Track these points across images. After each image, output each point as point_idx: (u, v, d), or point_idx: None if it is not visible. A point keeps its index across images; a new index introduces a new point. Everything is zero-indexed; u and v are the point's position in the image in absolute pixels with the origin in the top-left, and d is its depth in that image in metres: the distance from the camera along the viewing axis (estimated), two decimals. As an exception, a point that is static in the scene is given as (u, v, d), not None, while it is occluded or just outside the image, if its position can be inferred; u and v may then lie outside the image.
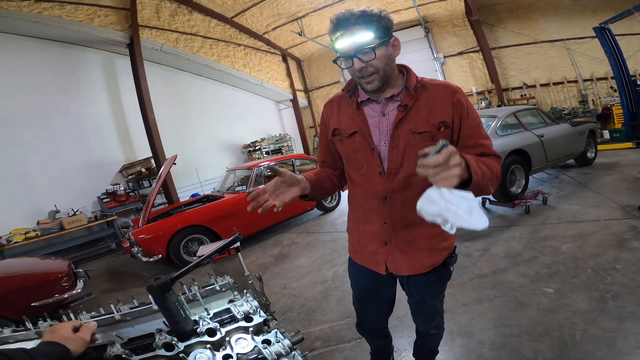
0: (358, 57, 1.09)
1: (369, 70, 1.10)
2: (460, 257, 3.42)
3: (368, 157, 1.23)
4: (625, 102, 7.50)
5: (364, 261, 1.41)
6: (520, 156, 4.61)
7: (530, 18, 9.90)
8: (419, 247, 1.28)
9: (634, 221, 3.46)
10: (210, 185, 8.43)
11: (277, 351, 0.90)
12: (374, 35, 1.08)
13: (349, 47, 1.09)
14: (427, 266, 1.31)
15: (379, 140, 1.22)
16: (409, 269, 1.31)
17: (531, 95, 10.06)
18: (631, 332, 1.95)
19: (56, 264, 3.59)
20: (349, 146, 1.28)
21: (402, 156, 1.19)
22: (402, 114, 1.17)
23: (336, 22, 1.11)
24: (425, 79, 1.22)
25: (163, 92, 8.51)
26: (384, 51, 1.11)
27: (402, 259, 1.30)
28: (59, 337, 0.80)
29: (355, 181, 1.33)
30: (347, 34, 1.08)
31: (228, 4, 8.56)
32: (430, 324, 1.53)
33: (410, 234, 1.27)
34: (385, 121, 1.20)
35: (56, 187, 6.56)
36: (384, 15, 1.10)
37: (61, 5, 6.29)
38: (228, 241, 1.03)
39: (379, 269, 1.36)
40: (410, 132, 1.17)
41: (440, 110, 1.15)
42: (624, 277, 2.53)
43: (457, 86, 1.21)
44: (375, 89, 1.15)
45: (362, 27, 1.07)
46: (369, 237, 1.35)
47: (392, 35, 1.14)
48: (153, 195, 5.12)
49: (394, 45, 1.15)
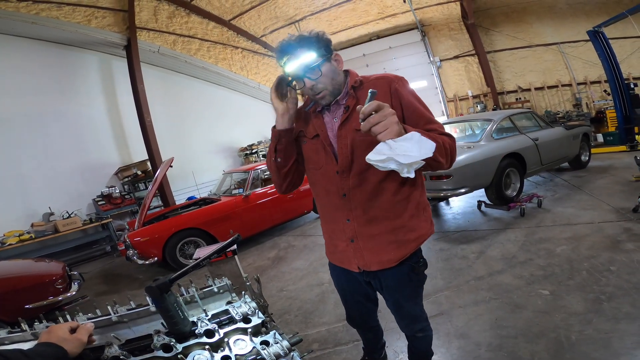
0: (307, 77, 1.19)
1: (319, 87, 1.21)
2: (456, 260, 3.44)
3: (326, 157, 1.32)
4: (618, 106, 7.57)
5: (338, 261, 1.47)
6: (515, 159, 4.65)
7: (525, 22, 10.01)
8: (384, 241, 1.33)
9: (627, 223, 3.49)
10: (206, 188, 8.41)
11: (275, 352, 0.90)
12: (316, 54, 1.18)
13: (297, 69, 1.19)
14: (395, 260, 1.34)
15: (335, 142, 1.30)
16: (378, 264, 1.34)
17: (526, 99, 10.15)
18: (627, 333, 1.97)
19: (50, 266, 3.58)
20: (311, 147, 1.36)
21: (351, 154, 1.25)
22: (345, 115, 1.26)
23: (280, 49, 1.21)
24: (365, 76, 1.31)
25: (160, 95, 8.50)
26: (328, 67, 1.21)
27: (369, 254, 1.34)
28: (55, 338, 0.80)
29: (317, 182, 1.40)
30: (293, 57, 1.18)
31: (226, 6, 8.58)
32: (413, 327, 1.55)
33: (373, 228, 1.31)
34: (336, 124, 1.30)
35: (51, 189, 6.52)
36: (321, 35, 1.21)
37: (59, 6, 6.28)
38: (227, 242, 1.03)
39: (351, 267, 1.41)
40: (354, 131, 1.23)
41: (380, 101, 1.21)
42: (618, 279, 2.55)
43: (396, 75, 1.28)
44: (328, 103, 1.27)
45: (304, 50, 1.17)
46: (338, 236, 1.41)
47: (332, 52, 1.24)
48: (149, 198, 5.10)
49: (336, 60, 1.26)
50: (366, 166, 1.17)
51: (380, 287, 1.45)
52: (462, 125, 6.01)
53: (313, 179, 1.42)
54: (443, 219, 4.91)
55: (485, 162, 4.31)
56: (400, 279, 1.39)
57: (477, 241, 3.80)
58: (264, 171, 5.64)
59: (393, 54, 11.57)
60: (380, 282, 1.42)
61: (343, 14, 9.84)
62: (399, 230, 1.32)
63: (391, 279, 1.39)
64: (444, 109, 11.33)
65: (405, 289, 1.43)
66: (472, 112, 10.31)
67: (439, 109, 11.50)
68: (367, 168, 1.21)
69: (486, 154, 4.36)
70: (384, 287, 1.43)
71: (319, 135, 1.31)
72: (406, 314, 1.51)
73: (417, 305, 1.51)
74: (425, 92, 11.58)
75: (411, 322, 1.53)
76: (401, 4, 9.27)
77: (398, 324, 1.59)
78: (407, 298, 1.46)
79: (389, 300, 1.49)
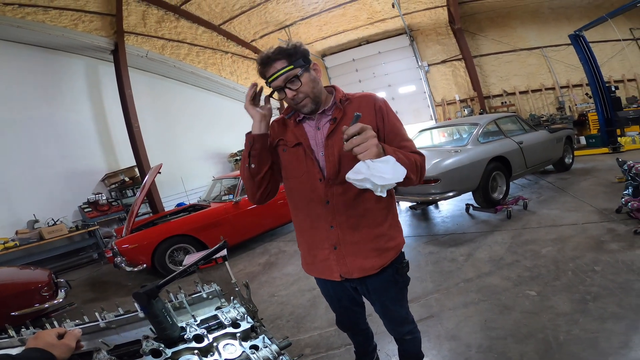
0: (288, 87, 1.23)
1: (300, 96, 1.25)
2: (446, 262, 3.49)
3: (309, 165, 1.33)
4: (600, 108, 7.75)
5: (318, 272, 1.47)
6: (501, 163, 4.74)
7: (509, 26, 10.23)
8: (366, 248, 1.36)
9: (611, 224, 3.58)
10: (196, 194, 8.33)
11: (264, 356, 0.90)
12: (294, 65, 1.21)
13: (277, 81, 1.22)
14: (376, 267, 1.37)
15: (317, 152, 1.33)
16: (359, 271, 1.37)
17: (511, 103, 10.37)
18: (613, 333, 2.00)
19: (36, 274, 3.56)
20: (291, 155, 1.37)
21: (338, 164, 1.29)
22: (333, 126, 1.30)
23: (260, 62, 1.25)
24: (350, 93, 1.38)
25: (148, 100, 8.42)
26: (307, 77, 1.25)
27: (352, 261, 1.36)
28: (43, 344, 0.79)
29: (295, 191, 1.41)
30: (272, 69, 1.22)
31: (216, 11, 8.58)
32: (401, 330, 1.58)
33: (356, 235, 1.35)
34: (319, 134, 1.33)
35: (36, 196, 6.38)
36: (299, 46, 1.24)
37: (45, 10, 6.19)
38: (214, 248, 1.04)
39: (333, 277, 1.41)
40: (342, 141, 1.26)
41: (366, 118, 1.28)
42: (603, 279, 2.60)
43: (375, 94, 1.38)
44: (310, 110, 1.29)
45: (283, 62, 1.21)
46: (318, 244, 1.40)
47: (310, 62, 1.28)
48: (137, 205, 5.03)
49: (315, 69, 1.30)
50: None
51: (366, 292, 1.47)
52: (449, 130, 6.11)
53: (291, 188, 1.43)
54: (432, 222, 4.97)
55: (472, 165, 4.38)
56: (386, 280, 1.42)
57: (466, 244, 3.85)
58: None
59: (382, 59, 11.71)
60: (367, 287, 1.44)
61: (333, 19, 9.93)
62: (380, 239, 1.37)
63: (377, 282, 1.41)
64: (432, 113, 11.48)
65: (391, 291, 1.46)
66: (459, 116, 10.48)
67: (427, 113, 11.64)
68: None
69: (473, 157, 4.44)
70: (370, 291, 1.45)
71: (301, 144, 1.33)
72: (393, 317, 1.53)
73: (403, 308, 1.54)
74: (413, 96, 11.73)
75: (398, 324, 1.56)
76: (390, 9, 9.40)
77: (386, 327, 1.61)
78: (393, 301, 1.49)
79: (375, 304, 1.51)
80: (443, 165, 4.20)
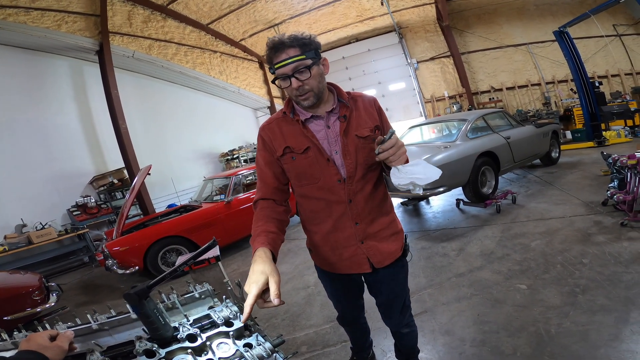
0: (295, 77, 1.19)
1: (305, 88, 1.21)
2: (437, 257, 3.52)
3: (324, 169, 1.30)
4: (584, 104, 7.91)
5: (345, 268, 1.44)
6: (489, 158, 4.81)
7: (496, 23, 10.36)
8: (386, 235, 1.43)
9: (597, 216, 3.65)
10: (187, 195, 8.26)
11: (259, 354, 0.90)
12: (307, 56, 1.18)
13: (286, 68, 1.18)
14: (399, 250, 1.47)
15: (330, 151, 1.31)
16: (390, 257, 1.43)
17: (499, 99, 10.51)
18: (603, 325, 2.02)
19: (26, 278, 3.56)
20: (302, 162, 1.31)
21: (355, 160, 1.31)
22: (344, 124, 1.30)
23: (272, 46, 1.19)
24: (351, 92, 1.40)
25: (135, 100, 8.31)
26: (317, 70, 1.22)
27: (380, 250, 1.41)
28: (35, 346, 0.79)
29: (312, 196, 1.37)
30: (284, 55, 1.17)
31: (204, 10, 8.50)
32: (402, 321, 1.59)
33: (377, 225, 1.41)
34: (331, 132, 1.31)
35: (23, 200, 6.27)
36: (313, 38, 1.22)
37: (27, 11, 6.05)
38: (204, 247, 1.03)
39: (363, 269, 1.43)
40: (356, 137, 1.31)
41: (372, 116, 1.37)
42: (591, 271, 2.64)
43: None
44: (311, 104, 1.26)
45: (296, 50, 1.17)
46: (345, 243, 1.40)
47: (321, 56, 1.26)
48: (127, 207, 4.96)
49: (324, 64, 1.28)
50: (366, 170, 1.33)
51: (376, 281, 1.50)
52: (439, 126, 6.17)
53: (305, 194, 1.39)
54: (424, 218, 5.01)
55: (461, 161, 4.43)
56: (396, 266, 1.47)
57: (457, 238, 3.90)
58: (246, 176, 5.60)
59: (372, 57, 11.75)
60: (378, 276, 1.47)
61: (322, 17, 9.93)
62: (392, 224, 1.45)
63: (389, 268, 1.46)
64: (422, 110, 11.57)
65: (400, 275, 1.51)
66: (448, 113, 10.59)
67: (417, 110, 11.73)
68: (366, 172, 1.33)
69: (462, 153, 4.49)
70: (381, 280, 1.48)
71: (310, 147, 1.29)
72: (398, 304, 1.56)
73: (407, 294, 1.59)
74: (403, 93, 11.80)
75: (402, 313, 1.58)
76: (379, 6, 9.44)
77: (386, 320, 1.63)
78: (401, 285, 1.54)
79: (382, 294, 1.53)
80: (433, 161, 4.24)
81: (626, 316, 2.06)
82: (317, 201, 1.37)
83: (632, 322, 1.99)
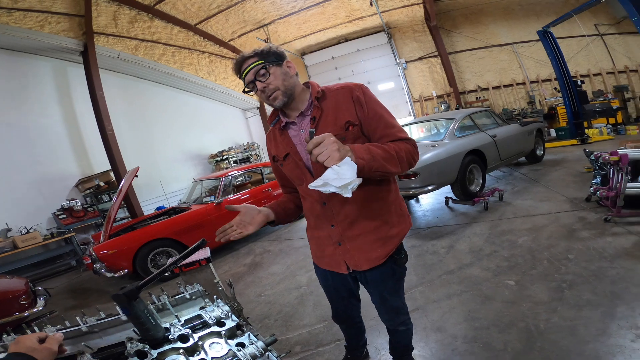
0: (258, 80, 1.26)
1: (270, 88, 1.26)
2: (428, 255, 3.56)
3: (303, 173, 1.37)
4: (567, 102, 8.09)
5: (327, 265, 1.52)
6: (477, 156, 4.88)
7: (482, 23, 10.53)
8: (369, 240, 1.39)
9: (581, 212, 3.73)
10: (176, 197, 8.17)
11: (251, 353, 0.91)
12: (265, 60, 1.25)
13: (249, 75, 1.26)
14: (383, 256, 1.40)
15: (305, 156, 1.34)
16: (368, 262, 1.40)
17: (485, 98, 10.69)
18: (590, 320, 2.04)
19: (12, 283, 3.51)
20: (287, 167, 1.42)
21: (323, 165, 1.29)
22: (313, 126, 1.29)
23: (236, 63, 1.30)
24: (328, 86, 1.36)
25: (122, 102, 8.18)
26: (278, 70, 1.27)
27: (358, 254, 1.40)
28: (24, 349, 0.78)
29: (303, 195, 1.47)
30: (245, 65, 1.27)
31: (192, 11, 8.40)
32: (396, 320, 1.61)
33: (356, 229, 1.38)
34: (303, 136, 1.34)
35: (6, 205, 6.12)
36: (273, 47, 1.29)
37: (9, 12, 5.90)
38: (193, 247, 1.03)
39: (341, 270, 1.46)
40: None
41: (345, 111, 1.29)
42: (577, 267, 2.68)
43: (357, 83, 1.33)
44: (282, 104, 1.29)
45: (255, 59, 1.26)
46: (324, 242, 1.47)
47: (283, 59, 1.30)
48: (114, 210, 4.89)
49: (288, 66, 1.31)
50: None
51: (366, 282, 1.51)
52: (427, 125, 6.24)
53: (301, 193, 1.49)
54: (413, 216, 5.06)
55: (449, 159, 4.49)
56: (384, 273, 1.45)
57: (447, 236, 3.94)
58: (235, 177, 5.57)
59: (361, 57, 11.82)
60: (366, 277, 1.47)
61: (312, 18, 9.93)
62: (381, 228, 1.39)
63: (376, 273, 1.45)
64: (411, 110, 11.69)
65: (389, 282, 1.49)
66: (436, 112, 10.72)
67: (406, 109, 11.85)
68: None
69: (450, 151, 4.55)
70: (369, 282, 1.49)
71: (289, 154, 1.37)
72: (390, 307, 1.57)
73: (399, 298, 1.58)
74: (392, 93, 11.90)
75: (394, 315, 1.59)
76: (368, 6, 9.49)
77: (382, 317, 1.64)
78: (391, 292, 1.52)
79: (374, 295, 1.54)
80: (422, 159, 4.28)
81: (612, 311, 2.09)
82: (305, 200, 1.47)
83: (619, 317, 2.02)
